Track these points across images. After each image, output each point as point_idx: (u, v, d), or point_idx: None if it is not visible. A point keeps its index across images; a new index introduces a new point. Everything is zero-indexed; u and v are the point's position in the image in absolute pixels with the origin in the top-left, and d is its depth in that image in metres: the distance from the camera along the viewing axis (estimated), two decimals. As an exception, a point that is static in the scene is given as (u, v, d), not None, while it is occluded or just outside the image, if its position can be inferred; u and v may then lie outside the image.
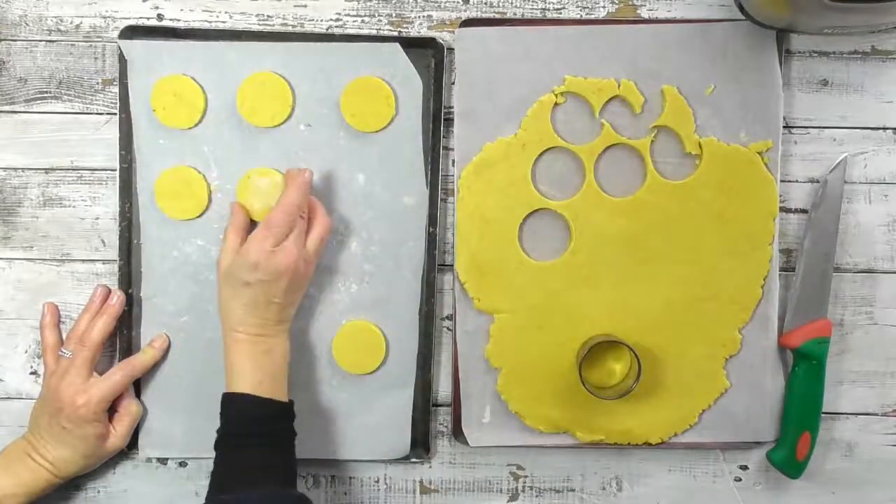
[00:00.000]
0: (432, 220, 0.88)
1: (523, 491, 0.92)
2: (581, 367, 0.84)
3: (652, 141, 0.88)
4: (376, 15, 0.89)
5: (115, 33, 0.88)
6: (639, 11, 0.88)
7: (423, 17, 0.89)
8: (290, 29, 0.89)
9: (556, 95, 0.87)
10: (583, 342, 0.87)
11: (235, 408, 0.81)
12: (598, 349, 0.86)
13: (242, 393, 0.80)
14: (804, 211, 0.90)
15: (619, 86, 0.87)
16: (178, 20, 0.89)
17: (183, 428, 0.89)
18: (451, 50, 0.88)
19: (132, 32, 0.88)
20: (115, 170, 0.89)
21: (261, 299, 0.81)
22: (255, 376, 0.81)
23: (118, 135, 0.88)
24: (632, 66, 0.87)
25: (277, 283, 0.81)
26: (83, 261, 0.90)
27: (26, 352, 0.91)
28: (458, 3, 0.89)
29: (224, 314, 0.83)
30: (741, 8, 0.84)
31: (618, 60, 0.87)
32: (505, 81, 0.87)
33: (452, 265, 0.89)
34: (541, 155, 0.88)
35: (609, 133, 0.87)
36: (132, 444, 0.89)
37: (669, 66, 0.87)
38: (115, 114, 0.89)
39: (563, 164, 0.88)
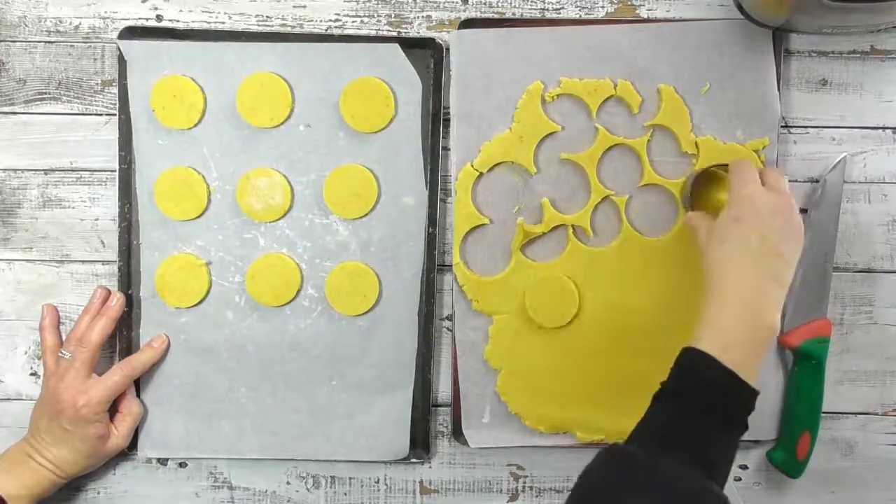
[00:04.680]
0: (432, 220, 0.88)
1: (523, 491, 0.92)
2: (692, 204, 0.84)
3: (648, 140, 0.88)
4: (375, 15, 0.89)
5: (115, 34, 0.88)
6: (638, 11, 0.88)
7: (423, 17, 0.89)
8: (289, 29, 0.89)
9: (549, 96, 0.87)
10: (686, 176, 0.86)
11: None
12: (702, 182, 0.85)
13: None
14: (804, 211, 0.89)
15: (615, 86, 0.87)
16: (178, 21, 0.89)
17: (183, 428, 0.89)
18: (450, 50, 0.88)
19: (131, 33, 0.88)
20: (114, 171, 0.89)
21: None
22: None
23: (117, 135, 0.88)
24: (627, 66, 0.87)
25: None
26: (83, 262, 0.90)
27: (26, 353, 0.91)
28: (457, 3, 0.89)
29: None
30: (740, 8, 0.84)
31: (613, 60, 0.87)
32: (501, 83, 0.87)
33: (452, 265, 0.89)
34: (537, 155, 0.88)
35: (605, 136, 0.87)
36: (132, 444, 0.89)
37: (665, 65, 0.87)
38: (114, 114, 0.89)
39: (565, 171, 0.88)
